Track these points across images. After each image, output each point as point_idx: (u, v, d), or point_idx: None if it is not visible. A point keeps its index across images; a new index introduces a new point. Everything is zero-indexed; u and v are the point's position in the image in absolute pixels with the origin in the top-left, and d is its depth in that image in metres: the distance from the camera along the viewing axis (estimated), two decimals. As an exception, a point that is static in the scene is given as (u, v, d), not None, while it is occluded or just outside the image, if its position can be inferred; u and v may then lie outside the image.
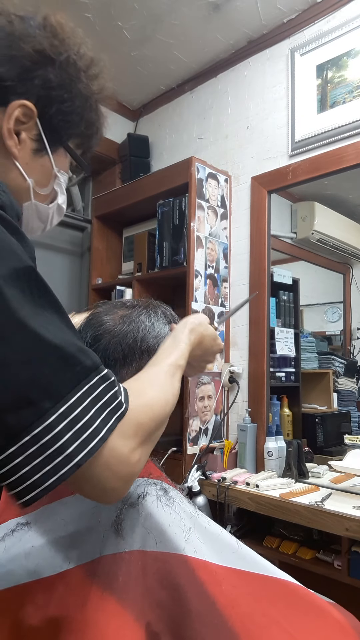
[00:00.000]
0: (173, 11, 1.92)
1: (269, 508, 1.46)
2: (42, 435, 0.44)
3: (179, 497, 0.70)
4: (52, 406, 0.45)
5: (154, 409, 0.56)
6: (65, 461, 0.45)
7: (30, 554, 0.64)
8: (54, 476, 0.44)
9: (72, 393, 0.46)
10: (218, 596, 0.60)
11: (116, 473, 0.49)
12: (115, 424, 0.49)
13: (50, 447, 0.44)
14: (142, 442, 0.52)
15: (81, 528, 0.64)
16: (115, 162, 2.54)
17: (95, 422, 0.47)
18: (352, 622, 0.69)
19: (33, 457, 0.44)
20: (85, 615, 0.57)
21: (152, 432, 0.54)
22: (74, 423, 0.45)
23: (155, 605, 0.59)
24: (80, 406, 0.46)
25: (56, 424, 0.44)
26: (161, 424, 0.57)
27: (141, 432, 0.52)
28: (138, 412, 0.53)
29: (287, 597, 0.66)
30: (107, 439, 0.48)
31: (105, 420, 0.48)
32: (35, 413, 0.44)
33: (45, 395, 0.44)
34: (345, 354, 2.05)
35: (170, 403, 0.60)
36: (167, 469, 0.83)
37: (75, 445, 0.45)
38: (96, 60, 0.66)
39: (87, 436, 0.46)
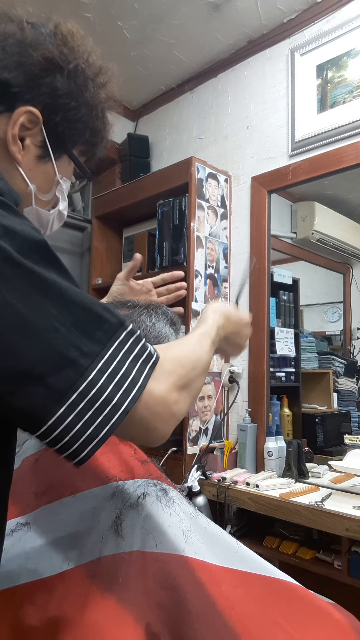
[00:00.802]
0: (173, 11, 1.92)
1: (269, 508, 1.46)
2: (87, 390, 0.46)
3: (179, 497, 0.70)
4: (91, 363, 0.47)
5: (184, 359, 0.59)
6: (114, 410, 0.48)
7: (30, 554, 0.64)
8: (107, 425, 0.47)
9: (106, 349, 0.48)
10: (218, 597, 0.60)
11: (157, 413, 0.53)
12: (150, 371, 0.52)
13: (98, 400, 0.47)
14: (178, 387, 0.56)
15: (81, 528, 0.64)
16: (115, 162, 2.54)
17: (132, 372, 0.50)
18: (352, 622, 0.69)
19: (83, 413, 0.46)
20: (85, 615, 0.56)
21: (185, 378, 0.57)
22: (113, 375, 0.48)
23: (155, 606, 0.59)
24: (115, 360, 0.49)
25: (98, 378, 0.47)
26: (194, 372, 0.60)
27: (174, 378, 0.55)
28: (169, 362, 0.56)
29: (287, 598, 0.66)
30: (145, 386, 0.51)
31: (140, 370, 0.51)
32: (77, 371, 0.46)
33: (82, 354, 0.47)
34: (345, 354, 2.05)
35: (201, 358, 0.63)
36: (167, 469, 0.83)
37: (120, 394, 0.48)
38: (104, 69, 0.67)
39: (128, 385, 0.49)
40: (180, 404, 0.56)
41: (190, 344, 0.65)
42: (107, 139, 0.72)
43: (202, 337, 0.68)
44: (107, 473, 0.69)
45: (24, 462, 0.79)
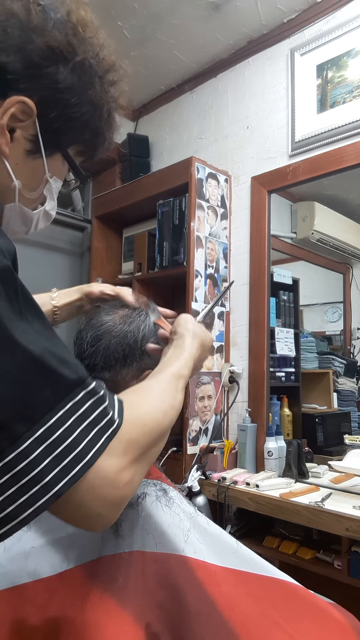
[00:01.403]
0: (173, 11, 1.92)
1: (269, 508, 1.46)
2: (15, 462, 0.39)
3: (179, 497, 0.70)
4: (28, 429, 0.40)
5: (150, 424, 0.51)
6: (43, 491, 0.40)
7: (30, 554, 0.64)
8: (30, 508, 0.40)
9: (52, 413, 0.41)
10: (217, 597, 0.60)
11: (102, 497, 0.44)
12: (106, 443, 0.44)
13: (26, 476, 0.40)
14: (135, 460, 0.47)
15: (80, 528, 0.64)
16: (115, 162, 2.54)
17: (81, 445, 0.42)
18: (352, 622, 0.69)
19: (6, 487, 0.39)
20: (85, 615, 0.56)
21: (147, 449, 0.49)
22: (53, 447, 0.41)
23: (154, 606, 0.59)
24: (61, 427, 0.41)
25: (32, 449, 0.40)
26: (158, 439, 0.53)
27: (133, 450, 0.47)
28: (131, 428, 0.48)
29: (287, 598, 0.66)
30: (94, 463, 0.43)
31: (92, 442, 0.43)
32: (8, 438, 0.39)
33: (20, 417, 0.40)
34: (345, 354, 2.05)
35: (170, 416, 0.55)
36: (167, 469, 0.83)
37: (55, 472, 0.41)
38: (116, 66, 0.62)
39: (70, 461, 0.42)
40: (134, 482, 0.47)
41: (164, 395, 0.57)
42: (110, 141, 0.67)
43: (176, 379, 0.60)
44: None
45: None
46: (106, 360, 0.80)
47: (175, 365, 0.63)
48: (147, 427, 0.50)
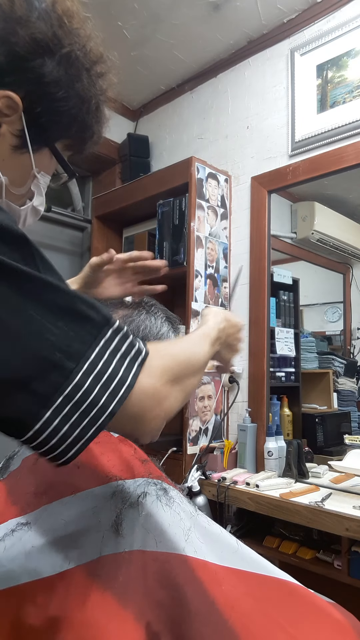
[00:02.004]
0: (173, 11, 1.92)
1: (269, 508, 1.46)
2: (73, 393, 0.45)
3: (179, 497, 0.69)
4: (76, 365, 0.46)
5: (178, 354, 0.58)
6: (101, 412, 0.47)
7: (30, 553, 0.64)
8: (94, 427, 0.47)
9: (91, 350, 0.47)
10: (218, 596, 0.60)
11: (147, 410, 0.51)
12: (139, 369, 0.50)
13: (84, 403, 0.46)
14: (170, 381, 0.54)
15: (81, 528, 0.64)
16: (115, 162, 2.54)
17: (120, 372, 0.49)
18: (352, 622, 0.69)
19: (69, 416, 0.45)
20: (85, 615, 0.56)
21: (178, 373, 0.56)
22: (99, 377, 0.47)
23: (155, 605, 0.58)
24: (101, 360, 0.47)
25: (84, 380, 0.46)
26: (188, 368, 0.58)
27: (166, 371, 0.54)
28: (158, 356, 0.54)
29: (287, 597, 0.66)
30: (134, 384, 0.49)
31: (128, 368, 0.49)
32: (62, 374, 0.45)
33: (67, 356, 0.45)
34: (345, 354, 2.05)
35: (197, 355, 0.61)
36: (167, 469, 0.83)
37: (107, 395, 0.47)
38: (104, 58, 0.61)
39: (115, 385, 0.48)
40: (171, 400, 0.54)
41: (188, 341, 0.64)
42: (99, 134, 0.66)
43: (201, 337, 0.67)
44: (107, 472, 0.69)
45: (23, 462, 0.79)
46: None
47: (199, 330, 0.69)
48: (176, 357, 0.57)
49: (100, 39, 0.60)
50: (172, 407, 0.55)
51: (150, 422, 0.52)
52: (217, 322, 0.71)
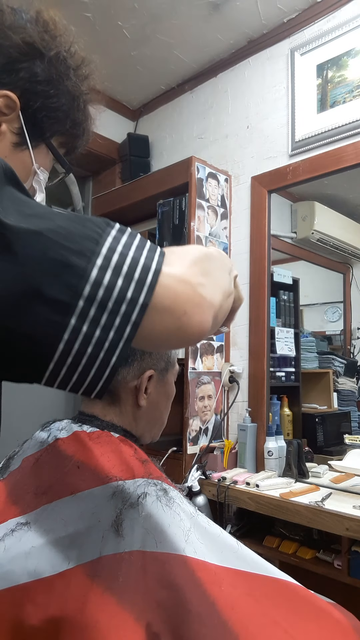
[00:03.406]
0: (173, 11, 1.92)
1: (269, 508, 1.46)
2: (94, 293, 0.40)
3: (179, 497, 0.70)
4: (88, 262, 0.41)
5: (202, 252, 0.51)
6: (131, 307, 0.42)
7: (30, 554, 0.64)
8: (127, 327, 0.42)
9: (99, 245, 0.42)
10: (218, 596, 0.60)
11: (183, 296, 0.45)
12: (161, 258, 0.45)
13: (108, 301, 0.41)
14: (199, 272, 0.48)
15: (81, 528, 0.64)
16: (115, 162, 2.54)
17: (141, 261, 0.43)
18: (353, 622, 0.69)
19: (97, 320, 0.41)
20: (85, 615, 0.56)
21: (205, 267, 0.49)
22: (118, 270, 0.42)
23: (155, 606, 0.59)
24: (114, 254, 0.43)
25: (101, 276, 0.41)
26: (213, 264, 0.52)
27: (191, 263, 0.48)
28: (181, 251, 0.49)
29: (287, 598, 0.66)
30: (160, 270, 0.44)
31: (149, 257, 0.44)
32: (75, 274, 0.40)
33: (75, 253, 0.41)
34: (345, 353, 2.05)
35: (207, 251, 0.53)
36: (167, 469, 0.83)
37: (133, 288, 0.42)
38: (87, 61, 0.66)
39: (140, 275, 0.43)
40: (207, 289, 0.47)
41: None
42: (89, 132, 0.70)
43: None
44: (107, 473, 0.69)
45: (23, 462, 0.79)
46: None
47: None
48: (196, 254, 0.50)
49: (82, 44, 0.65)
50: (213, 296, 0.48)
51: (190, 310, 0.45)
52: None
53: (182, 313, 0.45)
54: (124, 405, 0.82)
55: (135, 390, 0.82)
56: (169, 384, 0.88)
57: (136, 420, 0.83)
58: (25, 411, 1.92)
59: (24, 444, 0.84)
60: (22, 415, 1.91)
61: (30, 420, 1.38)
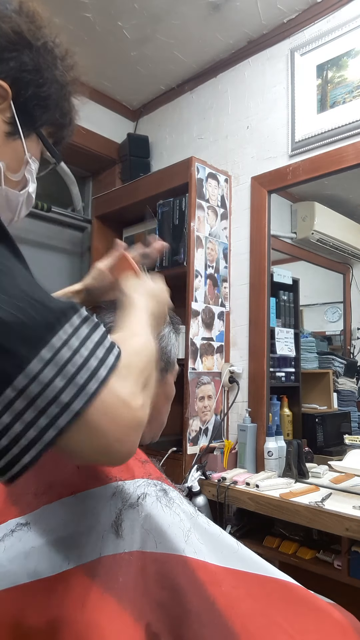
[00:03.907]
0: (173, 11, 1.92)
1: (269, 508, 1.46)
2: (26, 385, 0.38)
3: (179, 498, 0.69)
4: (31, 351, 0.38)
5: (142, 352, 0.51)
6: (61, 411, 0.39)
7: (30, 554, 0.64)
8: (50, 430, 0.39)
9: (52, 334, 0.40)
10: (218, 597, 0.60)
11: (119, 418, 0.43)
12: (116, 363, 0.43)
13: (39, 398, 0.39)
14: (141, 387, 0.47)
15: (81, 528, 0.64)
16: (115, 162, 2.54)
17: (91, 363, 0.41)
18: (353, 622, 0.69)
19: (23, 412, 0.38)
20: (85, 615, 0.56)
21: (145, 375, 0.49)
22: (62, 367, 0.40)
23: (155, 606, 0.59)
24: (64, 347, 0.40)
25: (41, 370, 0.39)
26: (150, 367, 0.52)
27: (138, 376, 0.47)
28: (129, 354, 0.47)
29: (287, 598, 0.66)
30: (107, 381, 0.42)
31: (102, 360, 0.42)
32: (14, 362, 0.38)
33: (21, 342, 0.38)
34: (345, 354, 2.05)
35: (152, 351, 0.54)
36: (167, 469, 0.83)
37: (70, 391, 0.40)
38: (71, 52, 0.66)
39: (84, 380, 0.41)
40: (145, 409, 0.46)
41: (141, 333, 0.55)
42: (74, 122, 0.71)
43: (146, 326, 0.59)
44: (107, 473, 0.69)
45: (23, 462, 0.79)
46: None
47: (138, 315, 0.61)
48: (141, 356, 0.50)
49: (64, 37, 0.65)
50: (144, 418, 0.46)
51: (125, 437, 0.43)
52: (147, 306, 0.65)
53: (114, 440, 0.43)
54: (123, 406, 0.82)
55: (135, 390, 0.81)
56: (168, 385, 0.88)
57: (136, 420, 0.83)
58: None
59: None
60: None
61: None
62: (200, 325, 1.90)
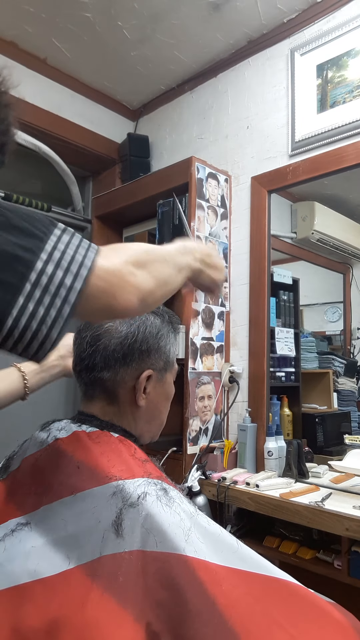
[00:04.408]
0: (173, 11, 1.92)
1: (269, 508, 1.46)
2: (38, 280, 0.51)
3: (179, 497, 0.69)
4: (33, 255, 0.52)
5: (140, 247, 0.65)
6: (68, 291, 0.53)
7: (31, 554, 0.64)
8: (67, 304, 0.53)
9: (44, 243, 0.53)
10: (218, 596, 0.60)
11: (113, 284, 0.57)
12: (94, 255, 0.56)
13: (50, 285, 0.52)
14: (133, 263, 0.60)
15: (81, 528, 0.64)
16: (115, 162, 2.54)
17: (78, 257, 0.55)
18: (353, 622, 0.69)
19: (41, 300, 0.51)
20: (86, 615, 0.56)
21: (140, 258, 0.62)
22: (58, 264, 0.53)
23: (155, 605, 0.59)
24: (56, 250, 0.54)
25: (45, 268, 0.52)
26: (155, 256, 0.66)
27: (125, 255, 0.60)
28: (117, 246, 0.61)
29: (288, 597, 0.66)
30: (92, 265, 0.55)
31: (85, 256, 0.56)
32: (24, 264, 0.51)
33: (25, 250, 0.51)
34: (345, 353, 2.05)
35: (164, 250, 0.70)
36: (167, 469, 0.83)
37: (70, 277, 0.53)
38: None
39: (77, 268, 0.54)
40: (138, 278, 0.60)
41: (143, 245, 0.68)
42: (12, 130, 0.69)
43: (169, 246, 0.72)
44: (107, 472, 0.69)
45: (23, 463, 0.79)
46: (106, 360, 0.80)
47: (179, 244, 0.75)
48: (133, 248, 0.64)
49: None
50: (139, 283, 0.60)
51: (118, 294, 0.58)
52: (189, 244, 0.77)
53: (111, 296, 0.58)
54: (122, 405, 0.82)
55: (134, 390, 0.82)
56: (168, 384, 0.88)
57: (135, 420, 0.83)
58: (25, 411, 1.92)
59: (24, 444, 0.84)
60: (22, 416, 1.90)
61: (30, 420, 1.38)
62: (200, 325, 1.90)
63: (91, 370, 0.81)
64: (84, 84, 2.38)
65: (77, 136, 2.35)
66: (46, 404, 2.32)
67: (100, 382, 0.81)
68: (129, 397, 0.82)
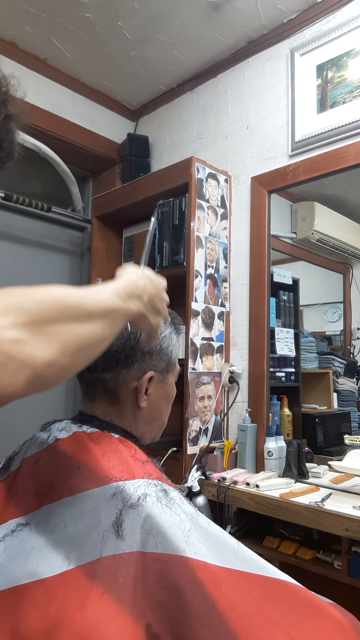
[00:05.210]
0: (173, 11, 1.92)
1: (269, 508, 1.46)
2: None
3: (179, 498, 0.69)
4: None
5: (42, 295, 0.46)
6: None
7: (30, 554, 0.64)
8: None
9: None
10: (218, 597, 0.60)
11: None
12: None
13: None
14: (24, 324, 0.43)
15: (81, 529, 0.64)
16: (115, 162, 2.54)
17: None
18: (353, 623, 0.69)
19: None
20: (85, 616, 0.56)
21: (39, 315, 0.45)
22: None
23: (155, 606, 0.59)
24: None
25: None
26: (63, 311, 0.47)
27: (16, 313, 0.43)
28: (9, 296, 0.44)
29: (288, 598, 0.66)
30: None
31: None
32: None
33: None
34: (345, 354, 2.05)
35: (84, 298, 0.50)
36: (167, 469, 0.83)
37: None
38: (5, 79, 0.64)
39: None
40: (28, 346, 0.42)
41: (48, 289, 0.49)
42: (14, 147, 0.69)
43: (99, 287, 0.56)
44: (107, 473, 0.69)
45: (24, 463, 0.79)
46: (107, 361, 0.80)
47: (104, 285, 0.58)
48: (33, 298, 0.46)
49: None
50: (28, 353, 0.43)
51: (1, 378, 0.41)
52: (131, 279, 0.63)
53: None
54: (124, 406, 0.82)
55: (135, 391, 0.82)
56: (169, 385, 0.88)
57: (136, 420, 0.83)
58: (25, 411, 1.92)
59: (24, 444, 0.84)
60: (22, 416, 1.91)
61: (30, 421, 1.38)
62: (200, 325, 1.90)
63: (92, 371, 0.81)
64: (84, 84, 2.38)
65: (77, 136, 2.35)
66: (46, 404, 2.32)
67: (102, 382, 0.81)
68: (130, 398, 0.82)
